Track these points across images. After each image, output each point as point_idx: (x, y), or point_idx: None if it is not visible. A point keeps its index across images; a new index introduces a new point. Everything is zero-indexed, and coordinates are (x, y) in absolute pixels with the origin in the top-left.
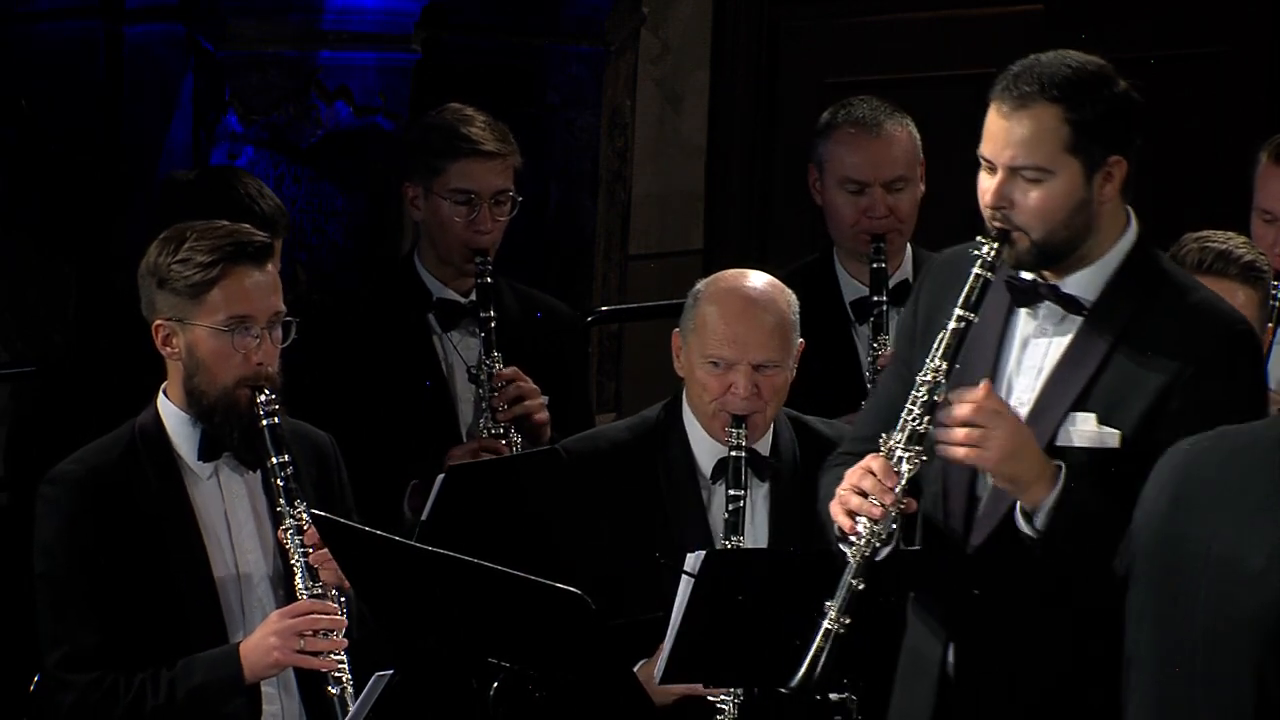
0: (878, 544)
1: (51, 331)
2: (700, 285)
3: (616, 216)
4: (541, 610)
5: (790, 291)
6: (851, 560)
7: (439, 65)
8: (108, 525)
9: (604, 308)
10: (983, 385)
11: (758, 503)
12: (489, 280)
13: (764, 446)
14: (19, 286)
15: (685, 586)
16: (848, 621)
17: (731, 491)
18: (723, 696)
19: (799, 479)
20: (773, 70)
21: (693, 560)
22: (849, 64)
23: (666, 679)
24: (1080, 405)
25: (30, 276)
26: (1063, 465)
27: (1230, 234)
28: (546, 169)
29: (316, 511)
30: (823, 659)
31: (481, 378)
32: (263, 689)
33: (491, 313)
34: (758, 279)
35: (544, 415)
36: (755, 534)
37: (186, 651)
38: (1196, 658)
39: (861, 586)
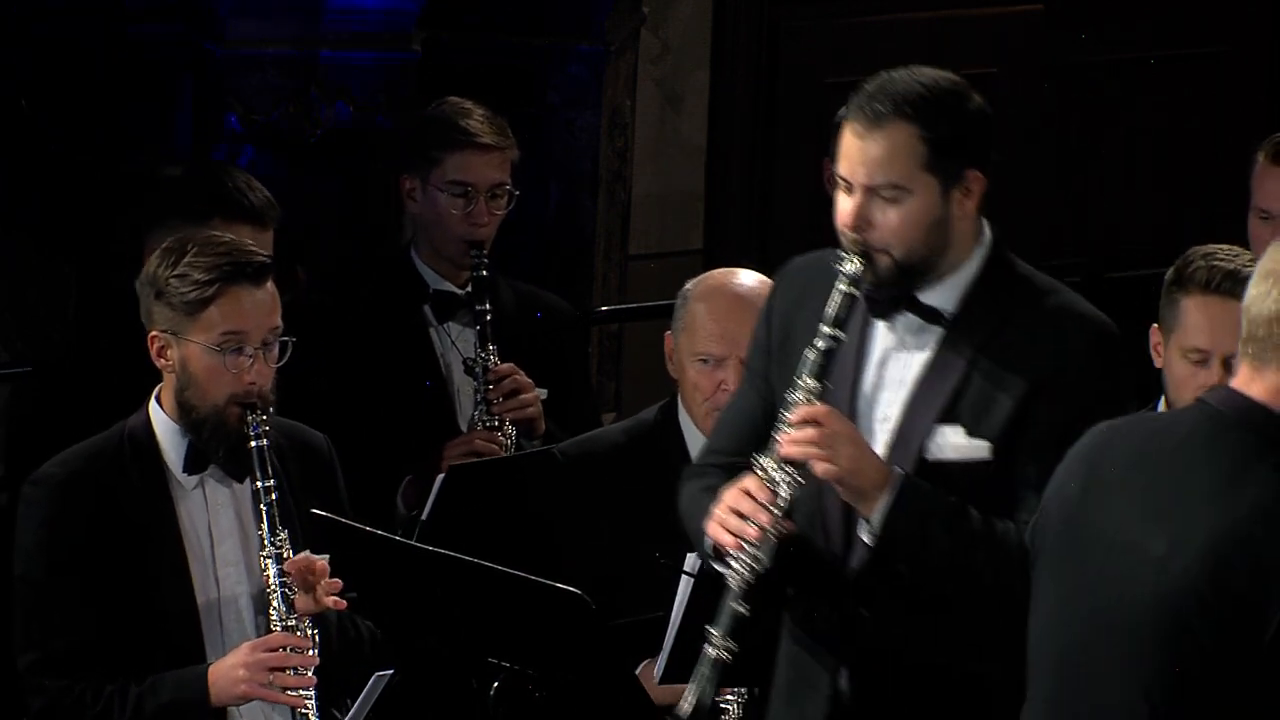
0: (758, 567)
1: (51, 331)
2: (689, 285)
3: (616, 216)
4: (541, 610)
5: None
6: (733, 585)
7: (439, 65)
8: (88, 530)
9: (604, 308)
10: (821, 406)
11: None
12: (485, 273)
13: None
14: (19, 286)
15: (685, 586)
16: (733, 646)
17: None
18: (728, 696)
19: None
20: (773, 70)
21: (693, 560)
22: (849, 64)
23: (666, 679)
24: (946, 417)
25: (30, 276)
26: (898, 469)
27: (1236, 249)
28: (546, 169)
29: (317, 511)
30: (709, 686)
31: (477, 370)
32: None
33: (487, 305)
34: (747, 277)
35: (538, 410)
36: None
37: (161, 662)
38: (1094, 642)
39: (745, 610)
